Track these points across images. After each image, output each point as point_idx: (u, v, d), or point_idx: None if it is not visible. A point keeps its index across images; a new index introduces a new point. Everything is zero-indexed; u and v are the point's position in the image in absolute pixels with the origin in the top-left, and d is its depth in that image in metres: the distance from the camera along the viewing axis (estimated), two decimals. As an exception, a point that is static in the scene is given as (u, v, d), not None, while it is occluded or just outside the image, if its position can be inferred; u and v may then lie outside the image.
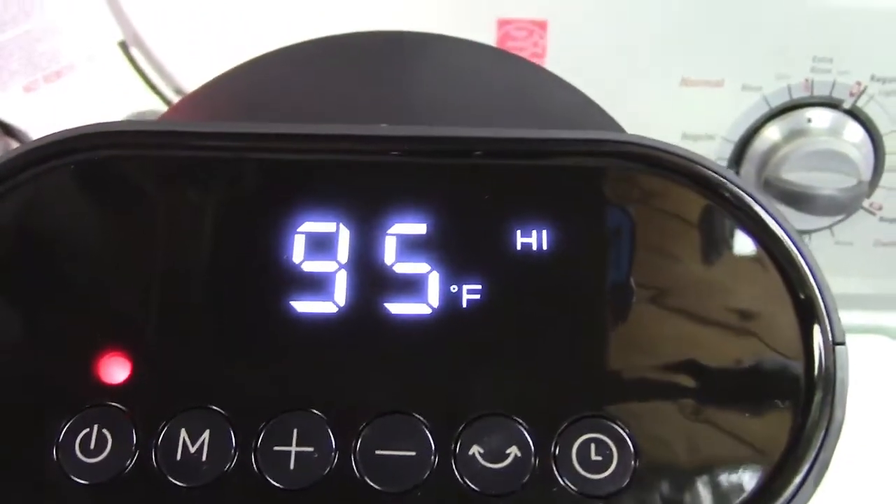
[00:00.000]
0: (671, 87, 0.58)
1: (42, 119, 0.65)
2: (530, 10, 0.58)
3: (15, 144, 0.63)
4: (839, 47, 0.56)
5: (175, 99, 0.67)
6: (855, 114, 0.57)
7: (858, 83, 0.56)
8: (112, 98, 0.67)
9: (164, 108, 0.66)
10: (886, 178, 0.59)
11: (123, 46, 0.65)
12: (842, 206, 0.58)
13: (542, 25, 0.58)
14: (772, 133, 0.59)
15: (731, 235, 0.26)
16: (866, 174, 0.58)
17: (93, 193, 0.27)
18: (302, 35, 0.38)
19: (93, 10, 0.65)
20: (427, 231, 0.26)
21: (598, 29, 0.58)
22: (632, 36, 0.58)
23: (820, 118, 0.58)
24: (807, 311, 0.25)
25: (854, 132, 0.58)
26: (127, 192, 0.27)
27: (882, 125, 0.57)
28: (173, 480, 0.24)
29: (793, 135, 0.58)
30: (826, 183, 0.56)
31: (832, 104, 0.57)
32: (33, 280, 0.26)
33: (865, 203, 0.60)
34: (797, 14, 0.55)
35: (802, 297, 0.25)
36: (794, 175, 0.57)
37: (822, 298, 0.25)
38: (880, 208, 0.61)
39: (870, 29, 0.55)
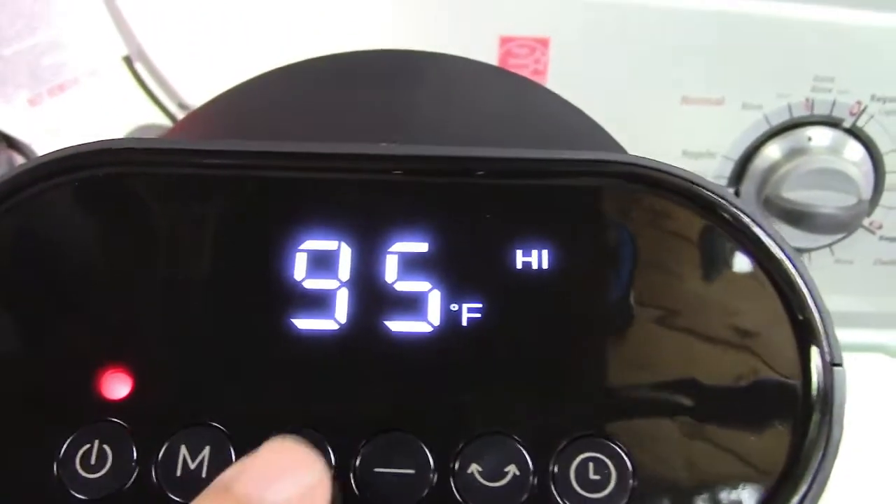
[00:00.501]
0: (672, 105, 0.59)
1: (45, 132, 0.66)
2: (532, 28, 0.58)
3: (18, 157, 0.63)
4: (840, 66, 0.56)
5: (178, 113, 0.67)
6: (855, 133, 0.58)
7: (859, 102, 0.57)
8: (115, 112, 0.68)
9: (166, 123, 0.66)
10: (886, 197, 0.59)
11: (128, 61, 0.66)
12: (842, 225, 0.58)
13: (544, 43, 0.58)
14: (772, 151, 0.59)
15: (731, 256, 0.26)
16: (866, 193, 0.58)
17: (97, 210, 0.27)
18: (303, 53, 0.38)
19: (97, 25, 0.66)
20: (428, 250, 0.27)
21: (600, 47, 0.58)
22: (633, 54, 0.58)
23: (820, 137, 0.58)
24: (805, 332, 0.25)
25: (854, 151, 0.58)
26: (130, 209, 0.27)
27: (882, 144, 0.58)
28: (173, 497, 0.24)
29: (793, 153, 0.58)
30: (826, 201, 0.57)
31: (832, 123, 0.58)
32: (36, 295, 0.26)
33: (865, 222, 0.60)
34: (798, 33, 0.56)
35: (801, 318, 0.25)
36: (795, 193, 0.57)
37: (821, 320, 0.25)
38: (880, 227, 0.61)
39: (870, 49, 0.56)
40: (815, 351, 0.25)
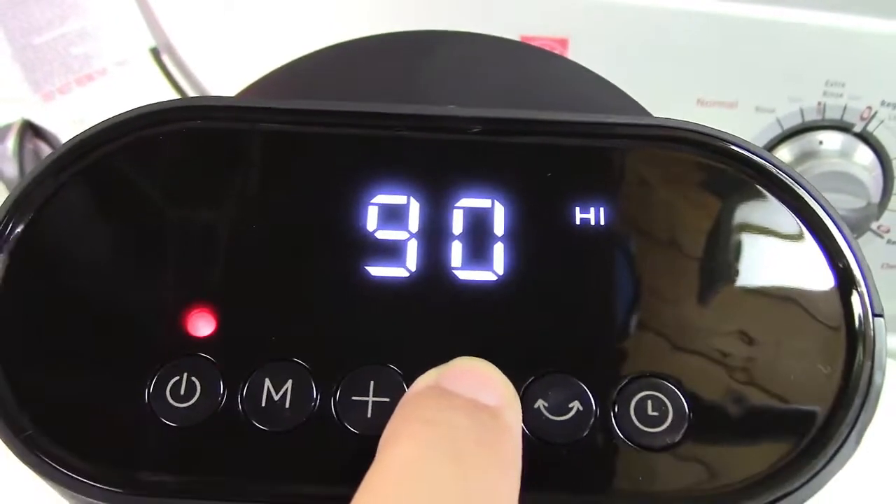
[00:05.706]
0: (686, 107, 0.60)
1: (72, 122, 0.67)
2: (552, 29, 0.60)
3: (45, 147, 0.64)
4: (851, 72, 0.57)
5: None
6: (865, 137, 0.59)
7: (869, 107, 0.58)
8: (141, 103, 0.68)
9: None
10: (895, 202, 0.61)
11: (155, 53, 0.67)
12: (851, 227, 0.58)
13: (562, 43, 0.60)
14: (783, 154, 0.60)
15: (775, 211, 0.28)
16: (875, 196, 0.59)
17: (181, 161, 0.29)
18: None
19: (127, 17, 0.67)
20: (493, 205, 0.28)
21: (618, 48, 0.59)
22: (650, 56, 0.59)
23: (831, 141, 0.59)
24: (845, 279, 0.27)
25: (864, 155, 0.59)
26: (219, 161, 0.29)
27: (891, 149, 0.59)
28: (258, 425, 0.25)
29: (804, 156, 0.59)
30: (836, 204, 0.57)
31: (843, 127, 0.59)
32: (131, 238, 0.28)
33: (873, 225, 0.61)
34: (811, 38, 0.57)
35: (840, 265, 0.27)
36: (805, 196, 0.58)
37: (860, 270, 0.27)
38: (888, 231, 0.62)
39: (881, 55, 0.57)
40: (855, 297, 0.27)
